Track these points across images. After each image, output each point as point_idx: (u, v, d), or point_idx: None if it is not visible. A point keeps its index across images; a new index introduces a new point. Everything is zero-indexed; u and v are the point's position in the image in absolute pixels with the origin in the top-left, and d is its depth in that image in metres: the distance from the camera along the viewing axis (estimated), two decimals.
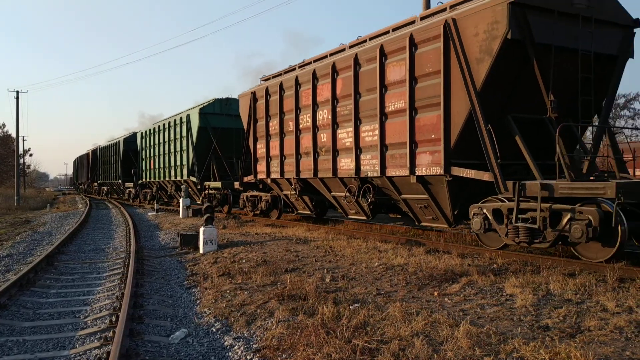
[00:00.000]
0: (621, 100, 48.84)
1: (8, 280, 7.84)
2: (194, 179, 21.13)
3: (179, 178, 23.11)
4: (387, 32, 10.84)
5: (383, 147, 10.59)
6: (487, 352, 4.23)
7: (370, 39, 11.30)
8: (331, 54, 12.56)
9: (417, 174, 9.74)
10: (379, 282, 6.95)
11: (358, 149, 11.34)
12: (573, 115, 8.86)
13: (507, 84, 8.72)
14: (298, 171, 13.71)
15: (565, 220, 7.46)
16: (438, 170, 9.23)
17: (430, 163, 9.44)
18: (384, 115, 10.52)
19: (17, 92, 40.82)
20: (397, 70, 10.13)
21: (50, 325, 6.01)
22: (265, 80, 15.75)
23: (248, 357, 4.74)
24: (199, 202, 21.25)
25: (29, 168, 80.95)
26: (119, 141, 34.18)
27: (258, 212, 17.02)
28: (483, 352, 4.22)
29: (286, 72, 14.52)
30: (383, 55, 10.46)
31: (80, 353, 5.05)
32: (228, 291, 7.03)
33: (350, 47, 11.92)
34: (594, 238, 7.14)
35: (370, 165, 11.00)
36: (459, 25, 8.82)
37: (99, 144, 42.88)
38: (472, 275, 6.74)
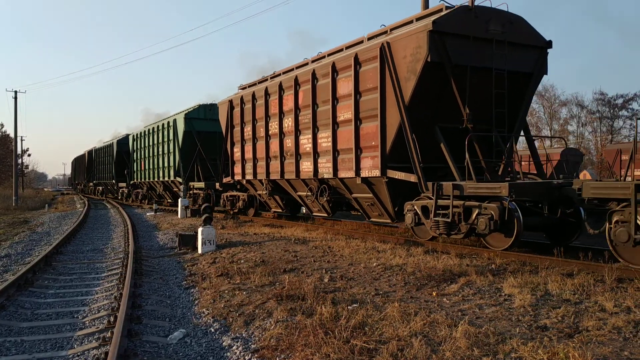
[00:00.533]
0: (620, 101, 48.94)
1: (6, 281, 7.81)
2: (180, 180, 22.29)
3: (166, 179, 24.27)
4: (340, 50, 12.13)
5: (335, 152, 11.97)
6: (486, 352, 4.23)
7: (328, 55, 12.56)
8: (297, 67, 13.82)
9: (361, 175, 11.11)
10: (378, 282, 6.95)
11: (316, 154, 12.71)
12: (493, 125, 10.08)
13: (432, 99, 9.95)
14: (268, 173, 15.06)
15: (474, 215, 8.72)
16: (377, 172, 10.58)
17: (371, 166, 10.81)
18: (336, 124, 11.90)
19: (15, 92, 40.79)
20: (345, 85, 11.50)
21: (49, 326, 6.00)
22: (242, 89, 17.01)
23: (246, 358, 4.74)
24: None
25: (27, 168, 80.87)
26: (112, 143, 35.45)
27: (236, 210, 18.45)
28: (481, 352, 4.22)
29: (260, 82, 15.77)
30: (335, 71, 11.80)
31: (79, 353, 5.05)
32: (226, 291, 7.03)
33: (312, 61, 13.16)
34: (495, 229, 8.43)
35: (325, 168, 12.37)
36: (392, 48, 10.14)
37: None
38: (470, 276, 6.74)
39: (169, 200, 25.90)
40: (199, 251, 10.60)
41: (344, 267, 8.02)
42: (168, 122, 23.75)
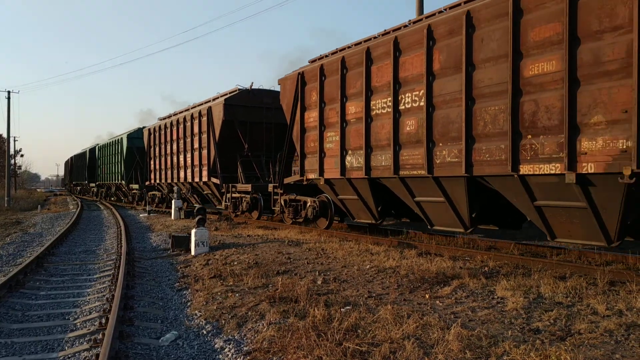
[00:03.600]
0: None
1: None
2: (124, 182, 30.62)
3: (117, 181, 32.67)
4: (201, 104, 19.88)
5: (193, 166, 20.06)
6: (478, 355, 4.23)
7: (198, 105, 20.28)
8: (184, 111, 21.61)
9: (202, 180, 19.22)
10: (371, 284, 6.94)
11: (186, 167, 20.82)
12: (263, 153, 18.07)
13: (230, 140, 17.63)
14: (166, 177, 23.26)
15: (243, 201, 16.52)
16: (206, 179, 18.73)
17: (205, 175, 18.79)
18: (193, 150, 19.98)
19: (9, 92, 40.55)
20: (196, 127, 19.62)
21: (39, 327, 5.95)
22: (160, 119, 24.55)
23: None
24: (129, 198, 31.84)
25: (20, 169, 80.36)
26: (86, 151, 44.25)
27: (155, 205, 25.73)
28: (474, 355, 4.22)
29: (167, 117, 23.46)
30: (192, 118, 19.97)
31: (70, 355, 5.01)
32: (219, 293, 7.00)
33: (190, 108, 20.97)
34: (251, 209, 16.41)
35: (190, 175, 20.47)
36: (212, 110, 18.16)
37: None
38: (463, 278, 6.75)
39: (122, 198, 34.50)
40: (192, 253, 10.56)
41: (337, 269, 8.01)
42: (117, 140, 32.12)
